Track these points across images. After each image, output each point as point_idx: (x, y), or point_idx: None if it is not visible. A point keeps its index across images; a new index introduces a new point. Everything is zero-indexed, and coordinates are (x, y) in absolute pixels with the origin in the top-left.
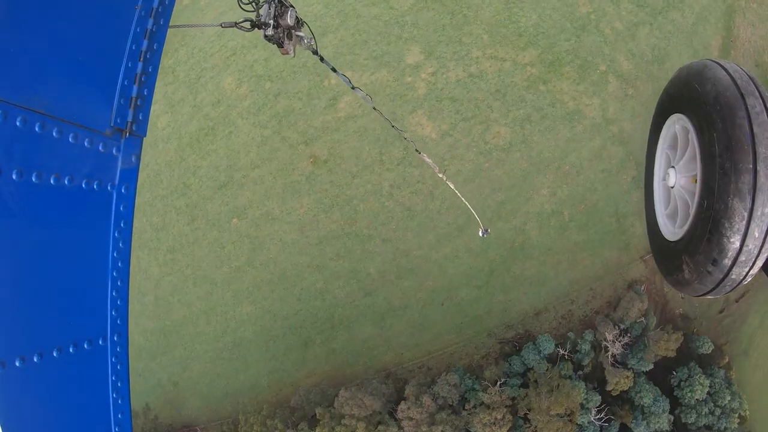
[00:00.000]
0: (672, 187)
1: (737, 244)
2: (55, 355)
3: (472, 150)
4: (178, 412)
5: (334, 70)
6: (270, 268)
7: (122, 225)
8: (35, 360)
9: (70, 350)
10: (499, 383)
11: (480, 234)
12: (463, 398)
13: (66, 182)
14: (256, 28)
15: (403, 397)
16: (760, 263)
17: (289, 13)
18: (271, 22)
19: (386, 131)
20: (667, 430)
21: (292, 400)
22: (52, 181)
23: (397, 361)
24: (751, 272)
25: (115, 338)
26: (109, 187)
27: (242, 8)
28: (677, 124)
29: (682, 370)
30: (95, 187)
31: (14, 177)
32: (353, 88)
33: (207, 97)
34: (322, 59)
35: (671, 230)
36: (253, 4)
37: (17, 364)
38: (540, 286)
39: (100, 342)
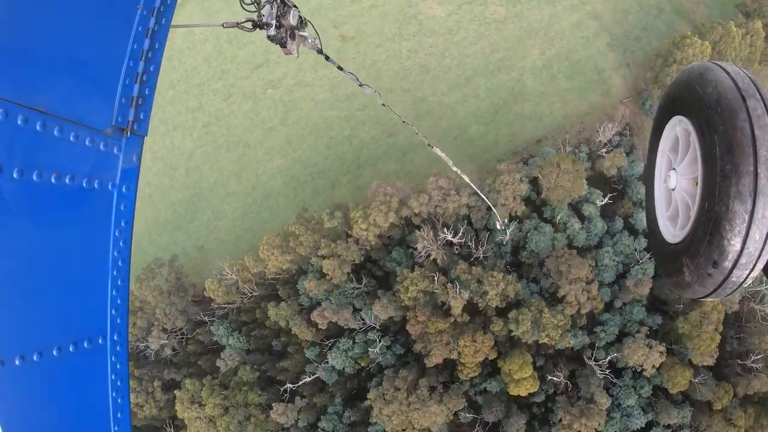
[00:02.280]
0: (673, 189)
1: (738, 247)
2: (54, 353)
3: (474, 23)
4: (200, 277)
5: (340, 68)
6: (301, 124)
7: (123, 224)
8: (35, 359)
9: (70, 349)
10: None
11: (498, 226)
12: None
13: (67, 181)
14: (258, 29)
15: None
16: (760, 266)
17: (292, 13)
18: (274, 22)
19: (404, 12)
20: None
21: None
22: (52, 180)
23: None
24: (752, 275)
25: (115, 337)
26: (109, 187)
27: (244, 8)
28: (678, 126)
29: None
30: (96, 186)
31: (15, 176)
32: (361, 85)
33: None
34: (327, 58)
35: (672, 232)
36: (256, 4)
37: (17, 362)
38: (538, 121)
39: (100, 341)
